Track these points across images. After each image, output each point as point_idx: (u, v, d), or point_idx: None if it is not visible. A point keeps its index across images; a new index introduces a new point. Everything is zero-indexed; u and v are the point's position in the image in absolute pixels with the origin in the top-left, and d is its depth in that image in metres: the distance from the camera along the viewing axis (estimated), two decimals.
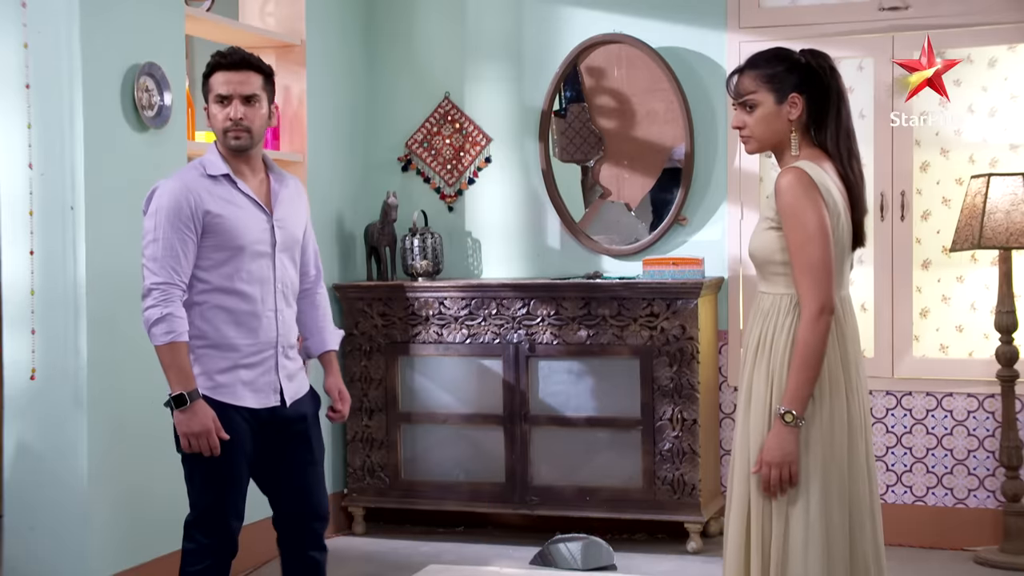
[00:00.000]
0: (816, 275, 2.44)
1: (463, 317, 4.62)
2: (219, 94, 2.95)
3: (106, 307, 3.63)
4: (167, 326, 2.85)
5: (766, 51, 2.62)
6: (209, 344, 2.95)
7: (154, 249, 2.89)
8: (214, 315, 2.95)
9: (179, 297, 2.89)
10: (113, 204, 3.67)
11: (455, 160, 4.99)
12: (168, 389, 2.90)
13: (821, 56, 2.59)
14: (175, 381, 2.86)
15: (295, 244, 3.06)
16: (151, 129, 3.81)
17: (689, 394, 4.35)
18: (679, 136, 4.70)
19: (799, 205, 2.45)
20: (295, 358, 3.08)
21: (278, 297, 3.01)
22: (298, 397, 3.07)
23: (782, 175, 2.49)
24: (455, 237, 5.01)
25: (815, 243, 2.44)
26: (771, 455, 2.47)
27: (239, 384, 2.95)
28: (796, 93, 2.54)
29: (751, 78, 2.56)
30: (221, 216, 2.92)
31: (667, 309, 4.36)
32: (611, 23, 4.76)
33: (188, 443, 2.88)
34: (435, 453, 4.71)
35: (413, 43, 5.04)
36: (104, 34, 3.63)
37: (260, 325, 2.97)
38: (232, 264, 2.94)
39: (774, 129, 2.56)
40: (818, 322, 2.44)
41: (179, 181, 2.95)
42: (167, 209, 2.90)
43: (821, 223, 2.44)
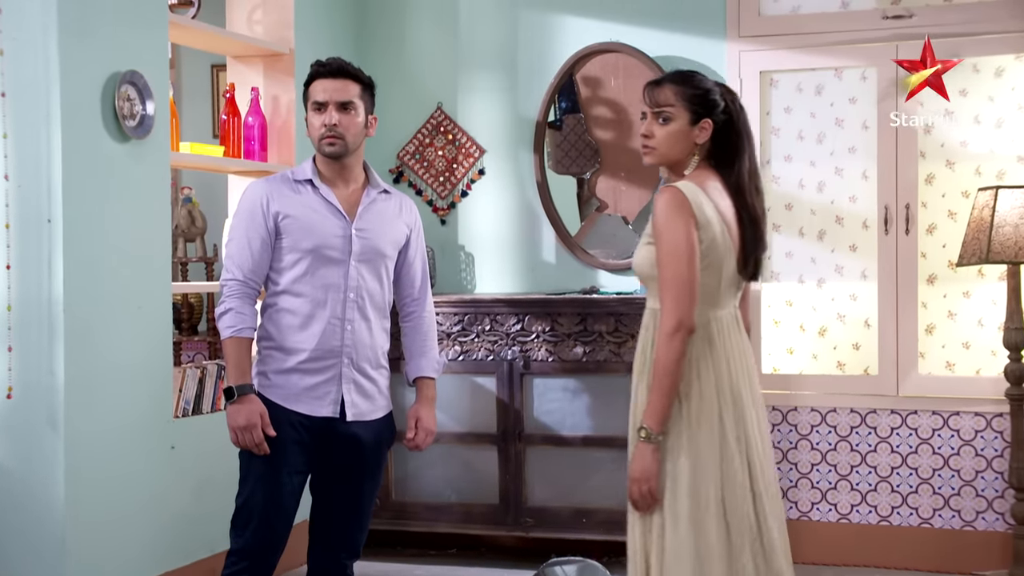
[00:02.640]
0: (676, 291, 2.49)
1: (456, 333, 4.54)
2: (316, 101, 3.01)
3: (84, 324, 3.54)
4: (229, 320, 2.95)
5: (690, 72, 2.70)
6: (274, 346, 3.02)
7: (230, 249, 3.04)
8: (280, 317, 3.01)
9: (247, 294, 2.98)
10: (92, 217, 3.57)
11: (448, 172, 4.92)
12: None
13: (733, 94, 2.68)
14: (231, 374, 2.95)
15: (379, 257, 3.05)
16: (132, 139, 3.71)
17: None
18: None
19: (668, 223, 2.51)
20: (376, 378, 3.06)
21: (348, 306, 3.00)
22: (367, 418, 3.05)
23: (659, 194, 2.56)
24: (448, 251, 4.94)
25: (679, 260, 2.50)
26: (633, 471, 2.54)
27: (294, 388, 2.99)
28: (709, 119, 2.61)
29: (673, 92, 2.62)
30: (292, 217, 2.99)
31: None
32: (607, 32, 4.71)
33: (236, 437, 2.93)
34: (427, 473, 4.62)
35: (405, 52, 4.99)
36: (83, 41, 3.54)
37: (323, 331, 2.98)
38: (301, 266, 2.99)
39: (680, 147, 2.63)
40: (672, 338, 2.49)
41: (262, 183, 3.06)
42: (245, 210, 3.02)
43: (687, 241, 2.50)
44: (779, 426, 4.59)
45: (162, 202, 3.86)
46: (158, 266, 3.85)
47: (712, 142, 2.63)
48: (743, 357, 2.64)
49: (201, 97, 5.50)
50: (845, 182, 4.53)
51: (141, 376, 3.74)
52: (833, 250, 4.55)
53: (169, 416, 3.87)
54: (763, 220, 2.66)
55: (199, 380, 4.06)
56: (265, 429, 2.93)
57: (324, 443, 3.04)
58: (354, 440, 3.05)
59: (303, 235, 3.00)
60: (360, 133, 3.04)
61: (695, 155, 2.63)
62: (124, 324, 3.67)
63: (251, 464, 3.01)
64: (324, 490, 3.11)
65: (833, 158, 4.54)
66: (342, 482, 3.09)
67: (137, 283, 3.73)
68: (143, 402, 3.75)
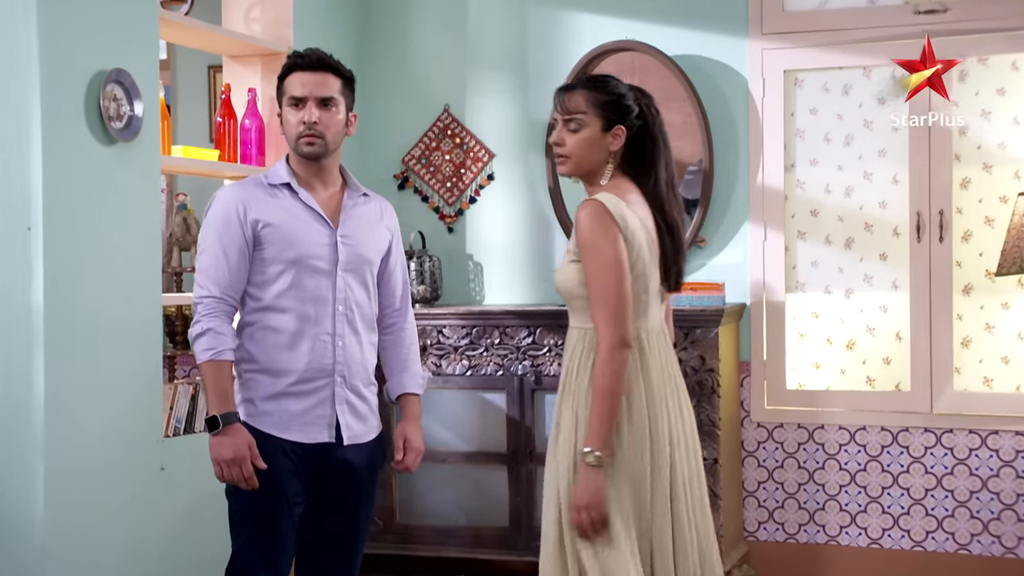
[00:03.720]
0: (611, 309, 2.47)
1: (463, 347, 4.39)
2: (293, 96, 2.79)
3: (66, 338, 3.35)
4: (207, 341, 2.70)
5: (602, 76, 2.67)
6: (258, 368, 2.79)
7: (203, 261, 2.78)
8: (264, 336, 2.78)
9: (225, 312, 2.75)
10: (75, 224, 3.39)
11: (455, 177, 4.78)
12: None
13: (648, 97, 2.64)
14: (212, 402, 2.70)
15: (365, 265, 2.87)
16: (119, 142, 3.53)
17: (709, 431, 4.09)
18: (697, 151, 4.46)
19: (595, 238, 2.48)
20: (368, 397, 2.88)
21: (338, 320, 2.81)
22: (361, 441, 2.86)
23: (581, 208, 2.52)
24: (455, 260, 4.79)
25: (610, 276, 2.48)
26: (579, 498, 2.48)
27: (285, 414, 2.77)
28: (622, 126, 2.57)
29: (584, 98, 2.58)
30: (273, 225, 2.76)
31: (684, 339, 4.12)
32: (623, 30, 4.54)
33: (221, 471, 2.70)
34: (433, 495, 4.48)
35: (410, 51, 4.83)
36: (66, 36, 3.36)
37: (313, 349, 2.77)
38: (285, 279, 2.77)
39: (593, 156, 2.59)
40: (613, 357, 2.46)
41: (234, 189, 2.82)
42: (218, 219, 2.77)
43: (616, 256, 2.48)
44: (805, 445, 4.39)
45: (152, 208, 3.69)
46: (148, 276, 3.67)
47: (627, 150, 2.60)
48: (672, 369, 2.63)
49: (198, 100, 5.35)
50: (874, 187, 4.34)
51: (128, 393, 3.56)
52: (862, 259, 4.37)
53: (159, 435, 3.69)
54: (682, 229, 2.64)
55: (191, 397, 3.87)
56: (255, 461, 2.70)
57: (317, 471, 2.83)
58: (347, 466, 2.84)
59: (285, 245, 2.77)
60: (341, 132, 2.83)
61: (609, 163, 2.59)
62: (110, 338, 3.49)
63: (246, 509, 2.76)
64: (314, 521, 2.88)
65: (862, 162, 4.36)
66: (335, 512, 2.87)
67: (124, 294, 3.55)
68: (130, 420, 3.57)
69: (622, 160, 2.61)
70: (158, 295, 3.71)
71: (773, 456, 4.42)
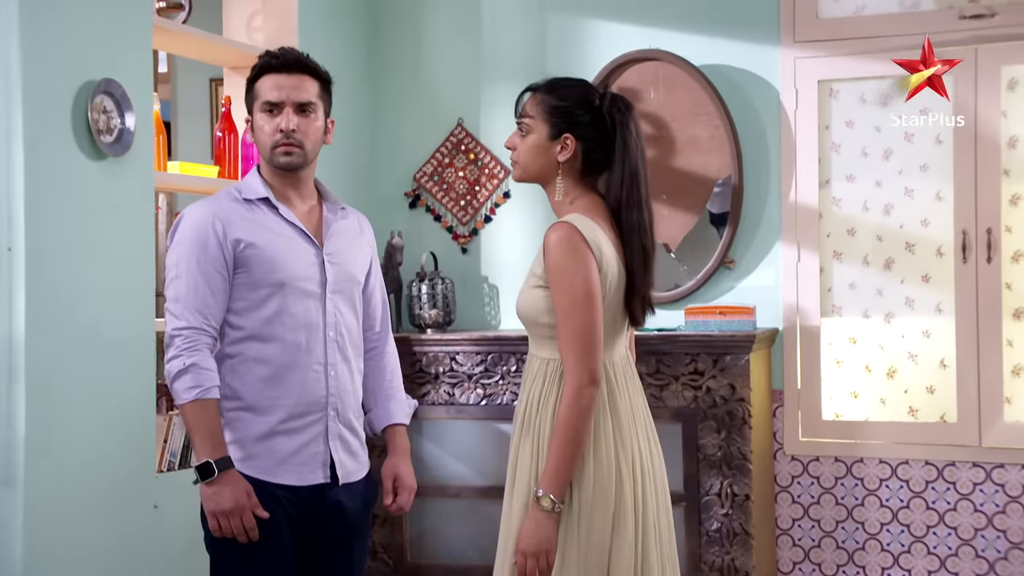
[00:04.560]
0: (582, 343, 2.34)
1: (478, 375, 4.19)
2: (268, 101, 2.56)
3: (49, 366, 3.16)
4: (191, 379, 2.45)
5: (569, 80, 2.52)
6: (242, 406, 2.55)
7: (177, 288, 2.51)
8: (248, 370, 2.54)
9: (207, 344, 2.50)
10: (60, 244, 3.21)
11: (469, 195, 4.61)
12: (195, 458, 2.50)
13: (624, 109, 2.45)
14: (201, 447, 2.46)
15: (353, 285, 2.68)
16: (109, 157, 3.34)
17: (740, 465, 3.89)
18: (725, 166, 4.27)
19: (567, 266, 2.35)
20: (358, 430, 2.69)
21: (330, 348, 2.59)
22: (353, 479, 2.64)
23: (552, 230, 2.39)
24: (469, 283, 4.61)
25: (582, 310, 2.34)
26: (527, 543, 2.33)
27: (276, 455, 2.55)
28: (571, 135, 2.43)
29: (536, 102, 2.47)
30: (256, 246, 2.54)
31: (714, 366, 3.93)
32: (646, 38, 4.35)
33: (219, 524, 2.46)
34: (446, 531, 4.30)
35: (422, 62, 4.67)
36: (51, 44, 3.17)
37: (305, 381, 2.56)
38: (271, 305, 2.54)
39: (540, 163, 2.47)
40: (581, 396, 2.33)
41: (207, 206, 2.57)
42: (191, 240, 2.52)
43: (590, 287, 2.35)
44: (843, 480, 4.16)
45: (145, 228, 3.50)
46: (140, 301, 3.48)
47: (590, 164, 2.46)
48: (639, 402, 2.51)
49: (199, 114, 5.18)
50: (916, 204, 4.12)
51: (118, 425, 3.36)
52: (903, 281, 4.14)
53: (152, 471, 3.49)
54: (653, 257, 2.48)
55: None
56: (255, 510, 2.47)
57: (310, 515, 2.59)
58: (339, 508, 2.61)
59: (270, 267, 2.54)
60: (319, 140, 2.62)
61: (560, 175, 2.46)
62: (97, 366, 3.30)
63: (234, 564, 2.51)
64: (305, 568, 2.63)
65: (902, 177, 4.14)
66: (328, 556, 2.64)
67: (115, 321, 3.36)
68: (120, 455, 3.38)
69: (583, 174, 2.47)
70: (152, 321, 3.52)
71: (808, 491, 4.20)
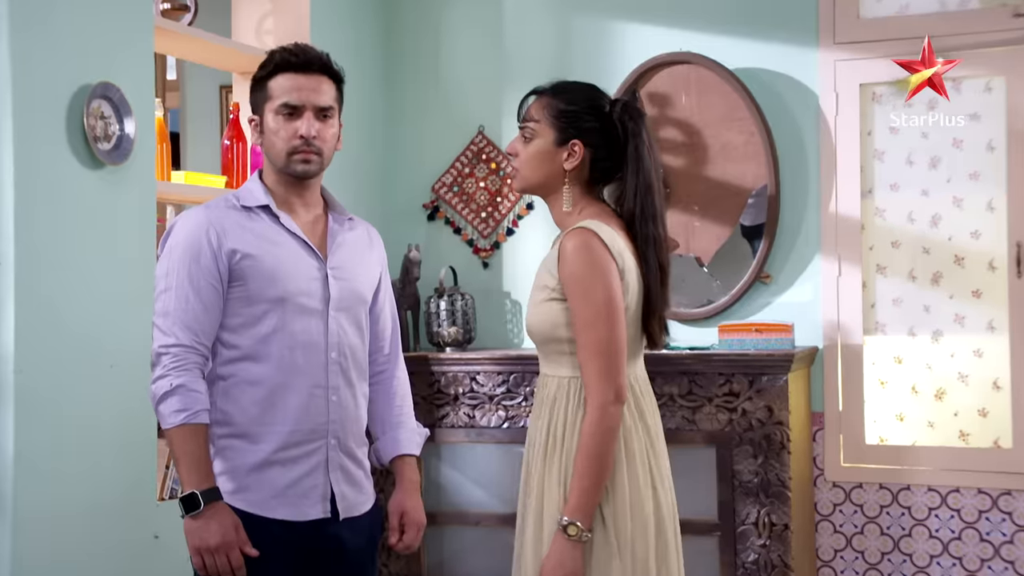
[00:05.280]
0: (608, 358, 2.24)
1: (499, 396, 4.04)
2: (287, 103, 2.39)
3: (41, 386, 3.02)
4: (179, 402, 2.29)
5: (577, 83, 2.41)
6: (234, 432, 2.38)
7: (165, 302, 2.35)
8: (242, 393, 2.37)
9: (197, 364, 2.34)
10: (54, 258, 3.07)
11: (491, 207, 4.49)
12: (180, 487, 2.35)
13: (635, 115, 2.36)
14: (187, 477, 2.29)
15: (358, 303, 2.51)
16: (107, 165, 3.19)
17: (778, 492, 3.72)
18: (761, 175, 4.11)
19: (587, 274, 2.25)
20: (362, 459, 2.52)
21: (332, 371, 2.42)
22: (356, 513, 2.46)
23: (569, 237, 2.28)
24: (491, 298, 4.46)
25: (605, 321, 2.24)
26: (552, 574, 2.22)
27: (271, 487, 2.38)
28: (579, 141, 2.33)
29: (541, 106, 2.37)
30: (253, 257, 2.37)
31: (750, 387, 3.77)
32: (678, 40, 4.19)
33: (202, 561, 2.29)
34: (466, 561, 4.17)
35: (441, 67, 4.54)
36: (45, 45, 3.03)
37: (303, 406, 2.39)
38: (268, 323, 2.37)
39: (544, 172, 2.37)
40: (607, 415, 2.24)
41: (201, 213, 2.40)
42: (183, 249, 2.36)
43: (612, 297, 2.25)
44: (888, 508, 3.96)
45: (146, 241, 3.35)
46: (139, 318, 3.30)
47: (599, 172, 2.37)
48: (657, 418, 2.42)
49: (209, 122, 5.07)
50: (966, 214, 3.93)
51: (116, 450, 3.21)
52: (952, 296, 3.95)
53: (152, 498, 3.34)
54: (669, 274, 2.39)
55: None
56: (243, 548, 2.29)
57: (308, 555, 2.40)
58: (340, 546, 2.43)
59: (268, 281, 2.37)
60: (334, 148, 2.47)
61: (567, 184, 2.35)
62: (93, 387, 3.15)
63: None
64: None
65: (951, 186, 3.95)
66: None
67: (112, 338, 3.21)
68: (119, 481, 3.23)
69: (590, 184, 2.37)
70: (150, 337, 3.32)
71: (851, 521, 3.99)
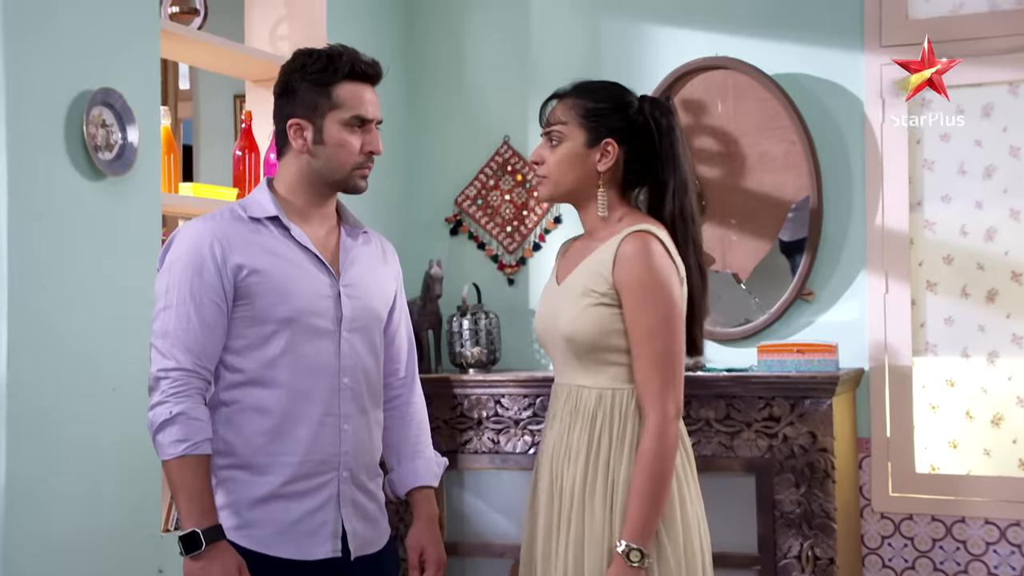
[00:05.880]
0: (670, 371, 2.20)
1: (525, 420, 3.91)
2: (360, 116, 2.32)
3: (36, 410, 2.88)
4: (179, 431, 2.15)
5: (600, 81, 2.36)
6: (237, 464, 2.25)
7: (165, 321, 2.21)
8: (247, 421, 2.24)
9: (198, 389, 2.21)
10: (50, 273, 2.94)
11: (516, 221, 4.38)
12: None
13: (665, 112, 2.31)
14: (187, 513, 2.16)
15: (373, 322, 2.39)
16: (108, 176, 3.05)
17: (822, 524, 3.56)
18: (802, 186, 3.97)
19: (651, 281, 2.20)
20: (375, 492, 2.39)
21: (344, 397, 2.30)
22: (369, 551, 2.32)
23: (628, 241, 2.22)
24: (516, 317, 4.33)
25: (672, 330, 2.21)
26: None
27: (277, 524, 2.25)
28: (612, 140, 2.28)
29: (567, 107, 2.30)
30: (260, 273, 2.24)
31: (791, 411, 3.62)
32: (713, 45, 4.05)
33: None
34: None
35: (463, 75, 4.43)
36: (41, 49, 2.89)
37: (313, 435, 2.26)
38: (275, 344, 2.24)
39: (576, 176, 2.30)
40: (670, 431, 2.19)
41: (204, 224, 2.27)
42: (184, 264, 2.23)
43: (676, 304, 2.22)
44: (942, 542, 3.76)
45: (150, 255, 3.20)
46: (142, 336, 3.12)
47: (632, 174, 2.31)
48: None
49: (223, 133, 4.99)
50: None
51: (117, 477, 3.06)
52: (1009, 315, 3.77)
53: (156, 530, 3.19)
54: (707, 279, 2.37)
55: None
56: None
57: None
58: None
59: (277, 298, 2.23)
60: None
61: (601, 187, 2.28)
62: (93, 410, 3.01)
63: None
64: None
65: (1007, 197, 3.77)
66: None
67: (113, 360, 3.06)
68: (119, 511, 3.08)
69: (623, 186, 2.31)
70: None
71: (901, 555, 3.81)
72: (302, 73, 2.30)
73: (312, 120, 2.28)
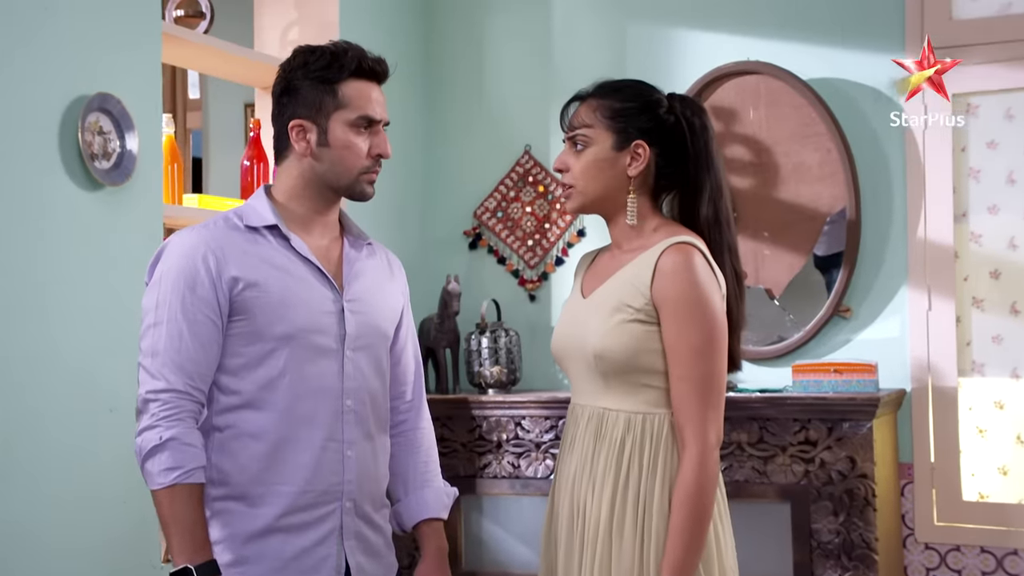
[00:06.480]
0: (713, 395, 2.10)
1: (547, 443, 3.82)
2: (368, 116, 2.18)
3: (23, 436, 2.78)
4: (169, 458, 2.03)
5: (623, 80, 2.23)
6: (231, 494, 2.12)
7: (154, 339, 2.07)
8: (242, 447, 2.12)
9: (190, 413, 2.07)
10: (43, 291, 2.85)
11: (538, 234, 4.30)
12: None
13: (696, 110, 2.21)
14: (179, 547, 2.02)
15: (379, 341, 2.27)
16: (106, 186, 2.95)
17: (863, 555, 3.45)
18: (839, 196, 3.86)
19: (695, 297, 2.10)
20: (381, 525, 2.28)
21: (347, 421, 2.17)
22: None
23: (669, 254, 2.12)
24: (538, 335, 4.24)
25: (716, 351, 2.11)
26: None
27: (275, 559, 2.13)
28: (642, 142, 2.16)
29: (591, 108, 2.19)
30: (258, 286, 2.11)
31: (828, 435, 3.53)
32: (744, 49, 3.95)
33: None
34: None
35: (483, 82, 4.35)
36: (35, 53, 2.80)
37: (314, 463, 2.14)
38: (274, 364, 2.11)
39: (605, 182, 2.18)
40: (710, 459, 2.09)
41: (196, 234, 2.14)
42: (175, 277, 2.09)
43: (721, 322, 2.12)
44: (992, 575, 3.61)
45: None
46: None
47: (663, 179, 2.19)
48: None
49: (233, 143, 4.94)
50: None
51: (114, 503, 2.97)
52: None
53: (156, 560, 3.10)
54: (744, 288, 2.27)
55: None
56: None
57: None
58: None
59: (275, 314, 2.10)
60: None
61: (631, 193, 2.16)
62: (88, 432, 2.93)
63: None
64: None
65: None
66: None
67: (109, 381, 2.97)
68: (116, 541, 2.99)
69: (654, 192, 2.20)
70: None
71: None
72: (305, 71, 2.15)
73: (316, 121, 2.15)
